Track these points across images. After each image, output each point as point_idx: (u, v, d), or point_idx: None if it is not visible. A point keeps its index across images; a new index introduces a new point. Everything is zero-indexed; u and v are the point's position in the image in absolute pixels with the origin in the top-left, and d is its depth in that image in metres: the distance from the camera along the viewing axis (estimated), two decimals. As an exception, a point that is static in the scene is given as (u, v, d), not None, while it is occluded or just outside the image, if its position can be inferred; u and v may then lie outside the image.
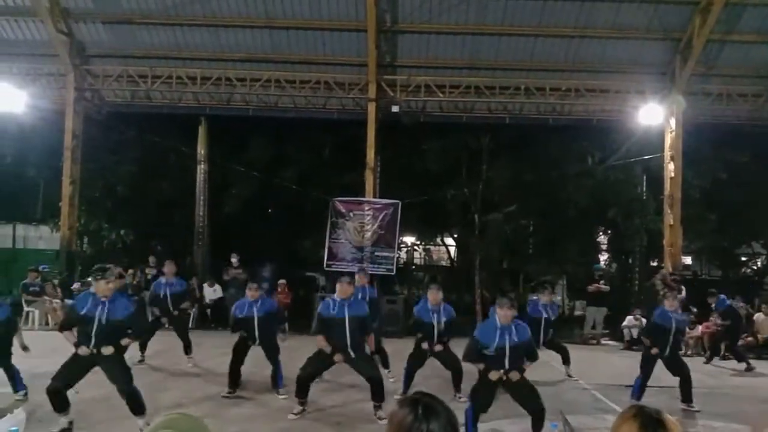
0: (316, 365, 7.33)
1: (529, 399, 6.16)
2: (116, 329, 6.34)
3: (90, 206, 17.51)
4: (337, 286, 7.41)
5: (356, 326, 7.16)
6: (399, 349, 9.43)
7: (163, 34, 15.44)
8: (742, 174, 17.96)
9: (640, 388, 8.21)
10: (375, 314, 9.01)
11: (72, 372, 6.25)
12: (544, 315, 9.69)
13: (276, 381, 8.26)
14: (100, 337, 6.24)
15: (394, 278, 16.83)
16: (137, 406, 6.30)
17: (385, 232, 15.43)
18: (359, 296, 8.81)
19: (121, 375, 6.33)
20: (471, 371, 7.96)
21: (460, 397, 8.06)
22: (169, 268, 10.36)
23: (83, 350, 6.22)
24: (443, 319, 8.24)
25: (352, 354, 7.12)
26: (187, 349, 10.09)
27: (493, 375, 6.18)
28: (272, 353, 8.31)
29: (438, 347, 8.18)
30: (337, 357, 7.09)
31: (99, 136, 16.92)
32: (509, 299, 6.51)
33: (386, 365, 9.25)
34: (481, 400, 6.22)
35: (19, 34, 15.51)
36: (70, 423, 6.29)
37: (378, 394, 7.07)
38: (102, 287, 6.34)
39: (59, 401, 6.16)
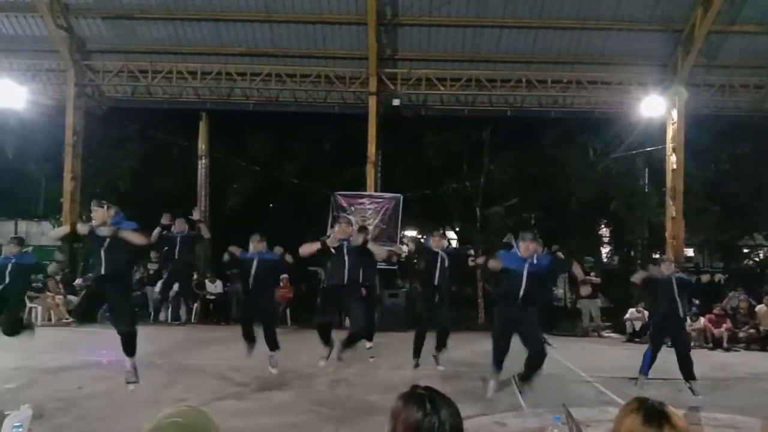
0: (328, 308, 7.86)
1: (534, 343, 6.58)
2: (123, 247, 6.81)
3: (91, 202, 17.50)
4: (336, 226, 8.07)
5: (355, 261, 7.59)
6: (401, 344, 9.42)
7: (163, 29, 15.41)
8: (745, 165, 17.91)
9: (650, 360, 8.10)
10: (374, 304, 9.16)
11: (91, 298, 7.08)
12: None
13: (271, 344, 8.18)
14: (109, 255, 6.74)
15: (396, 272, 16.82)
16: (131, 348, 6.77)
17: (387, 226, 15.41)
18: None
19: (124, 316, 6.83)
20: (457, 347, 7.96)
21: (437, 364, 8.43)
22: (179, 225, 10.52)
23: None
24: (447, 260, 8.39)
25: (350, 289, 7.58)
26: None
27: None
28: (267, 316, 8.36)
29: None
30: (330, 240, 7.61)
31: (100, 132, 16.90)
32: (532, 233, 6.94)
33: (370, 338, 9.27)
34: (501, 342, 6.71)
35: (18, 30, 15.49)
36: None
37: (350, 343, 7.56)
38: (99, 215, 6.96)
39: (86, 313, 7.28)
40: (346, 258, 7.53)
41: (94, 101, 16.50)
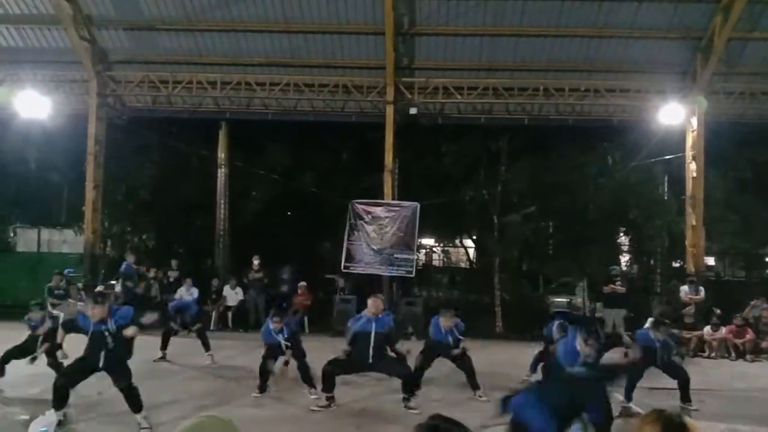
0: (343, 366, 7.68)
1: None
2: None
3: (113, 210, 17.75)
4: (369, 301, 7.94)
5: (381, 341, 7.63)
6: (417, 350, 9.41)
7: (184, 39, 15.61)
8: (766, 173, 17.67)
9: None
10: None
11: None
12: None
13: (307, 381, 8.24)
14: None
15: (413, 280, 16.83)
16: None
17: (404, 234, 15.40)
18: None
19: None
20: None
21: (479, 396, 8.17)
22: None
23: None
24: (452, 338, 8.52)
25: (371, 361, 7.64)
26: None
27: None
28: (299, 358, 8.43)
29: (455, 351, 8.41)
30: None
31: (121, 141, 17.14)
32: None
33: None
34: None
35: (43, 41, 15.79)
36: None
37: (407, 386, 7.54)
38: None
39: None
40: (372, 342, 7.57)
41: (116, 111, 16.75)
